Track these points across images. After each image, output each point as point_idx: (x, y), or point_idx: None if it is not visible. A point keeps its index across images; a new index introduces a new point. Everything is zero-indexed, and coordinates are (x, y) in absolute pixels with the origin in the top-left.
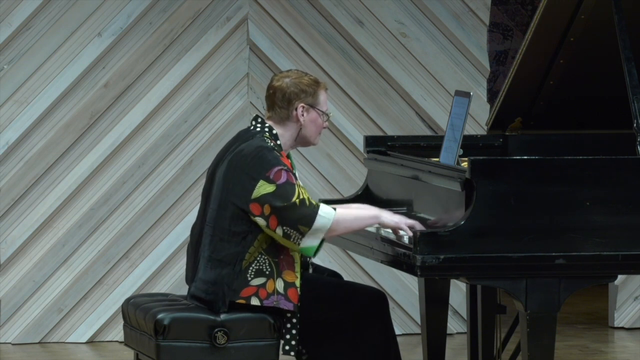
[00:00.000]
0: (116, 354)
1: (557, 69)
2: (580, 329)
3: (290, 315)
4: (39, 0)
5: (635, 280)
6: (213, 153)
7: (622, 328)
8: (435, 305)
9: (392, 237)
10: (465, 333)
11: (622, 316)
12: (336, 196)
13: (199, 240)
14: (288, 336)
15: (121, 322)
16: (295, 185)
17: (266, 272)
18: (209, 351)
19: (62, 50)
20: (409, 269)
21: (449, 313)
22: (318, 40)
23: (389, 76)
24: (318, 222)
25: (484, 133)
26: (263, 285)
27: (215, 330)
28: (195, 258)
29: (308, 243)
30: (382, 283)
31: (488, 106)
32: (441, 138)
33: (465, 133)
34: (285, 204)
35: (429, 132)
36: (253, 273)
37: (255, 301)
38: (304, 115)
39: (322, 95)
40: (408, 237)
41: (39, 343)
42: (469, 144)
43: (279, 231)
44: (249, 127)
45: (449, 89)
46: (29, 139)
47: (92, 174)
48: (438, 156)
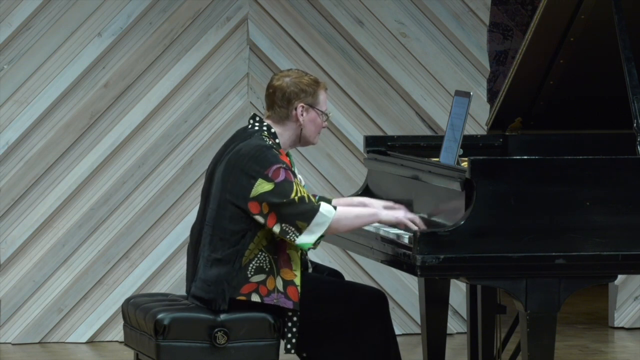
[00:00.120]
0: (116, 354)
1: (557, 69)
2: (580, 329)
3: (291, 314)
4: (39, 0)
5: (635, 280)
6: (213, 153)
7: (622, 328)
8: (435, 305)
9: (393, 237)
10: (465, 333)
11: (622, 316)
12: (336, 196)
13: (199, 240)
14: (289, 335)
15: (121, 322)
16: (293, 182)
17: (266, 269)
18: (209, 351)
19: (62, 50)
20: (409, 269)
21: (449, 313)
22: (318, 40)
23: (389, 76)
24: (317, 219)
25: (484, 133)
26: (263, 282)
27: (215, 330)
28: (195, 258)
29: (305, 240)
30: (382, 283)
31: (488, 106)
32: (441, 138)
33: (465, 133)
34: (284, 201)
35: (429, 132)
36: (253, 270)
37: (255, 297)
38: (303, 114)
39: (322, 95)
40: (408, 237)
41: (39, 343)
42: (469, 144)
43: (277, 229)
44: (246, 126)
45: (449, 89)
46: (29, 139)
47: (92, 174)
48: (438, 156)
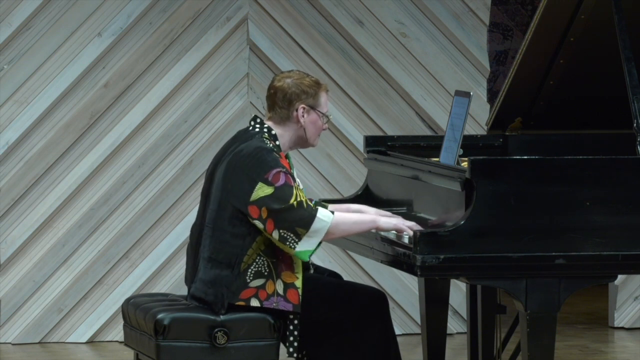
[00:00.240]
0: (116, 354)
1: (557, 69)
2: (580, 329)
3: (292, 317)
4: (39, 0)
5: (635, 280)
6: (213, 153)
7: (622, 328)
8: (435, 305)
9: (392, 237)
10: (465, 333)
11: (622, 316)
12: (336, 196)
13: (199, 240)
14: (291, 338)
15: (121, 322)
16: (293, 187)
17: (265, 273)
18: (209, 351)
19: (62, 50)
20: (409, 269)
21: (449, 313)
22: (318, 40)
23: (389, 76)
24: (316, 225)
25: (484, 133)
26: (262, 286)
27: (215, 330)
28: (195, 258)
29: (305, 247)
30: (382, 283)
31: (488, 106)
32: (441, 138)
33: (465, 133)
34: (283, 206)
35: (429, 132)
36: (252, 275)
37: (255, 302)
38: (304, 116)
39: (323, 97)
40: (408, 237)
41: (39, 343)
42: (469, 144)
43: (275, 235)
44: (247, 128)
45: (449, 89)
46: (29, 139)
47: (92, 174)
48: (438, 156)
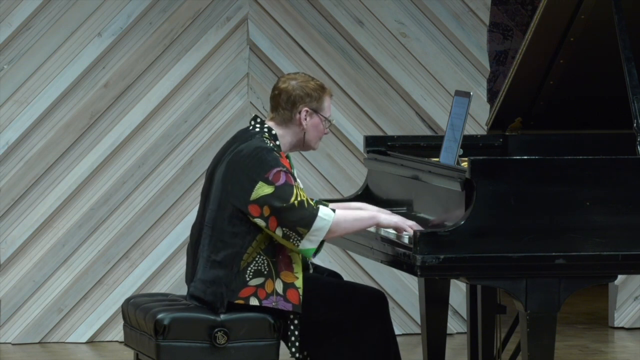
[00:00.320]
0: (116, 354)
1: (557, 69)
2: (580, 329)
3: (292, 317)
4: (39, 0)
5: (635, 280)
6: (213, 153)
7: (622, 328)
8: (435, 305)
9: (392, 237)
10: (465, 333)
11: (622, 316)
12: (336, 196)
13: (198, 240)
14: (293, 338)
15: (121, 322)
16: (294, 186)
17: (264, 272)
18: (209, 351)
19: (62, 50)
20: (409, 269)
21: (449, 313)
22: (318, 40)
23: (389, 76)
24: (317, 224)
25: (484, 133)
26: (262, 285)
27: (215, 330)
28: (195, 258)
29: (307, 245)
30: (382, 283)
31: (488, 106)
32: (441, 138)
33: (465, 133)
34: (284, 205)
35: (429, 132)
36: (251, 273)
37: (254, 301)
38: (306, 119)
39: (327, 101)
40: (408, 237)
41: (39, 343)
42: (469, 144)
43: (279, 232)
44: (247, 127)
45: (449, 89)
46: (29, 139)
47: (92, 174)
48: (438, 156)
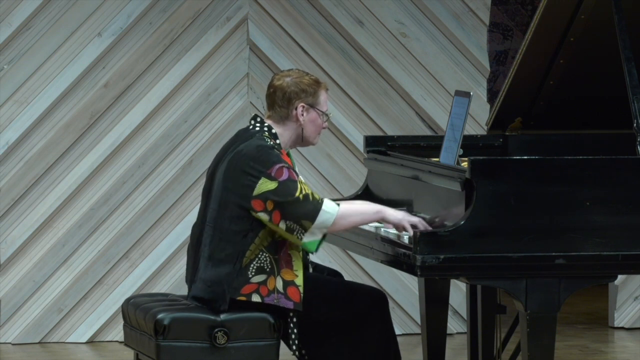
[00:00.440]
0: (116, 354)
1: (557, 69)
2: (580, 329)
3: (292, 314)
4: (39, 0)
5: (635, 280)
6: (213, 153)
7: (622, 328)
8: (435, 305)
9: (392, 237)
10: (465, 333)
11: (622, 316)
12: (336, 196)
13: (199, 240)
14: (293, 336)
15: (121, 322)
16: (296, 181)
17: (267, 270)
18: (209, 351)
19: (62, 50)
20: (409, 269)
21: (449, 313)
22: (318, 40)
23: (389, 76)
24: (321, 217)
25: (484, 133)
26: (264, 282)
27: (215, 330)
28: (196, 258)
29: (311, 238)
30: (382, 283)
31: (488, 106)
32: (441, 138)
33: (465, 133)
34: (289, 199)
35: (429, 132)
36: (254, 270)
37: (256, 298)
38: (303, 114)
39: (323, 96)
40: (408, 237)
41: (39, 343)
42: (469, 144)
43: (282, 225)
44: (247, 127)
45: (449, 89)
46: (29, 139)
47: (92, 174)
48: (438, 156)
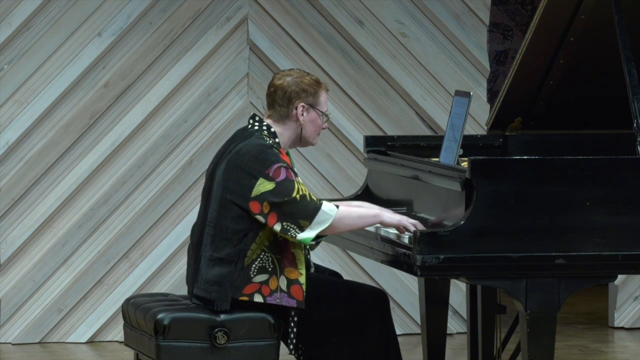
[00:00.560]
0: (116, 354)
1: (557, 69)
2: (580, 329)
3: (294, 313)
4: (39, 0)
5: (635, 280)
6: (213, 153)
7: (622, 328)
8: (435, 305)
9: (392, 237)
10: (465, 333)
11: (622, 316)
12: (336, 196)
13: (200, 240)
14: (292, 335)
15: (121, 322)
16: (294, 181)
17: (269, 269)
18: (209, 351)
19: (62, 50)
20: (409, 269)
21: (449, 313)
22: (318, 40)
23: (389, 76)
24: (319, 217)
25: (484, 133)
26: (266, 282)
27: (215, 330)
28: (197, 258)
29: (305, 235)
30: (382, 283)
31: (488, 106)
32: (441, 138)
33: (465, 133)
34: (286, 199)
35: (429, 132)
36: (256, 270)
37: (258, 298)
38: (303, 114)
39: (323, 96)
40: (408, 237)
41: (39, 343)
42: (469, 144)
43: (278, 227)
44: (246, 126)
45: (449, 89)
46: (29, 139)
47: (92, 174)
48: (438, 156)
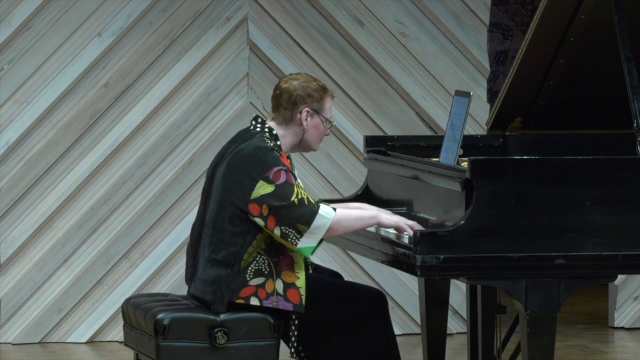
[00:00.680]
0: (116, 354)
1: (557, 69)
2: (580, 329)
3: (294, 316)
4: (39, 0)
5: (635, 280)
6: (213, 153)
7: (622, 328)
8: (435, 305)
9: (392, 237)
10: (465, 333)
11: (622, 316)
12: (336, 196)
13: (198, 240)
14: (293, 338)
15: (121, 322)
16: (294, 185)
17: (265, 272)
18: (209, 351)
19: (62, 50)
20: (409, 269)
21: (449, 313)
22: (318, 40)
23: (389, 76)
24: (317, 222)
25: (484, 133)
26: (262, 285)
27: (215, 330)
28: (195, 258)
29: (306, 243)
30: (382, 283)
31: (488, 106)
32: (441, 138)
33: (465, 133)
34: (284, 203)
35: (429, 132)
36: (252, 273)
37: (254, 301)
38: (307, 119)
39: (328, 103)
40: (408, 237)
41: (39, 343)
42: (469, 144)
43: (277, 231)
44: (248, 127)
45: (449, 89)
46: (29, 139)
47: (92, 174)
48: (438, 156)
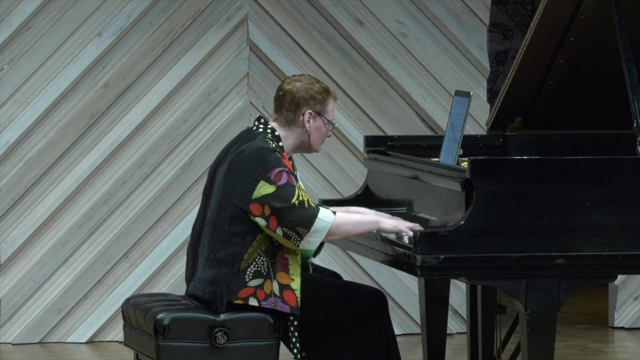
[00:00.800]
0: (116, 354)
1: (557, 69)
2: (580, 329)
3: (292, 318)
4: (39, 0)
5: (635, 280)
6: (213, 153)
7: (622, 328)
8: (435, 305)
9: (392, 237)
10: (465, 333)
11: (622, 316)
12: (336, 196)
13: (199, 239)
14: (294, 339)
15: (121, 322)
16: (295, 187)
17: (264, 273)
18: (209, 351)
19: (62, 50)
20: (409, 269)
21: (449, 313)
22: (318, 40)
23: (389, 76)
24: (317, 225)
25: (484, 133)
26: (261, 286)
27: (215, 330)
28: (195, 257)
29: (306, 246)
30: (382, 283)
31: (488, 106)
32: (441, 138)
33: (465, 133)
34: (285, 205)
35: (429, 132)
36: (251, 274)
37: (253, 302)
38: (310, 121)
39: (331, 105)
40: (408, 237)
41: (39, 343)
42: (469, 144)
43: (279, 231)
44: (250, 128)
45: (449, 89)
46: (29, 139)
47: (92, 174)
48: (438, 156)
